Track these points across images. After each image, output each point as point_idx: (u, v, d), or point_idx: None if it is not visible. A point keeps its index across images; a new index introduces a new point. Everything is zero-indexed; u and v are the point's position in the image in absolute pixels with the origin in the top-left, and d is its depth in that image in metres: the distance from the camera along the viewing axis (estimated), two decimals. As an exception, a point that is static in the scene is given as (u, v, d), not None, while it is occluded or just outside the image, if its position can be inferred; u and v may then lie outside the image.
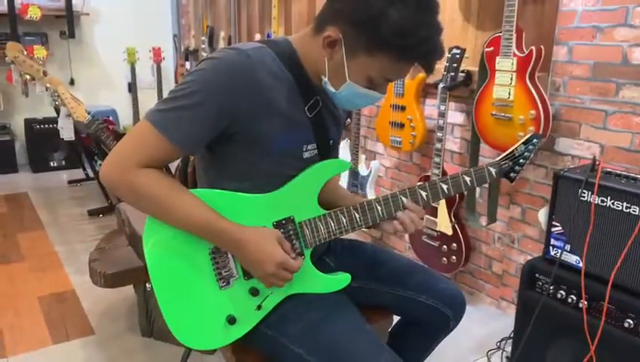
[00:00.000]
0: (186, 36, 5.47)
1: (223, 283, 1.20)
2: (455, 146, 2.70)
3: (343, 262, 1.44)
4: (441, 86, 2.45)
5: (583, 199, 1.68)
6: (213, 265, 1.19)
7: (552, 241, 1.79)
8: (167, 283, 1.18)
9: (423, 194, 1.26)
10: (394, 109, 2.75)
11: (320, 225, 1.23)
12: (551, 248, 1.80)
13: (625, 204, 1.59)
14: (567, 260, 1.74)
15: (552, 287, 1.76)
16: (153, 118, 1.11)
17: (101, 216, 3.78)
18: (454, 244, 2.57)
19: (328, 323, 1.19)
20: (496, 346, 2.24)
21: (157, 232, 1.17)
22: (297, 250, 1.23)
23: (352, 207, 1.24)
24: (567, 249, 1.74)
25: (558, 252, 1.77)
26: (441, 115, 2.46)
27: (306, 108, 1.23)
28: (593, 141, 2.10)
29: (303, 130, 1.24)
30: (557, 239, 1.77)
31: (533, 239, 2.37)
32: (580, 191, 1.68)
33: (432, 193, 1.27)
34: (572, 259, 1.73)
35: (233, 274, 1.20)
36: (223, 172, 1.22)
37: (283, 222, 1.22)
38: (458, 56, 2.41)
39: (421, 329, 1.49)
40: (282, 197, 1.22)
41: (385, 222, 1.28)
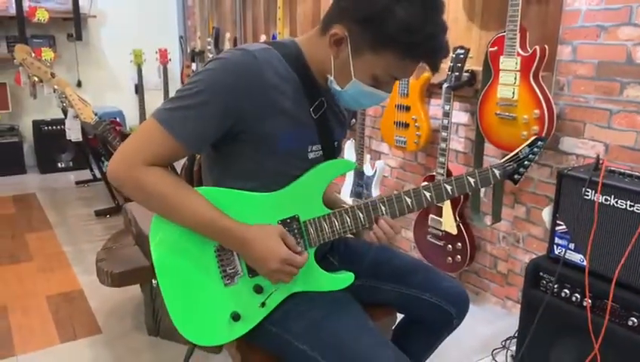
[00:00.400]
0: (192, 38, 5.50)
1: (228, 280, 1.21)
2: (460, 146, 2.71)
3: (346, 260, 1.45)
4: (445, 86, 2.46)
5: (587, 198, 1.68)
6: (218, 262, 1.21)
7: (556, 240, 1.79)
8: (172, 279, 1.20)
9: (427, 195, 1.27)
10: (399, 109, 2.76)
11: (324, 224, 1.25)
12: (555, 247, 1.80)
13: (629, 202, 1.59)
14: (571, 259, 1.75)
15: (556, 286, 1.76)
16: (160, 116, 1.13)
17: (108, 216, 3.80)
18: (459, 244, 2.58)
19: (332, 320, 1.20)
20: (501, 345, 2.24)
21: (163, 230, 1.19)
22: (301, 248, 1.24)
23: (356, 206, 1.25)
24: (571, 247, 1.75)
25: (562, 250, 1.77)
26: (446, 114, 2.47)
27: (311, 110, 1.24)
28: (598, 140, 2.10)
29: (308, 131, 1.25)
30: (561, 238, 1.78)
31: (537, 238, 2.38)
32: (584, 189, 1.69)
33: (436, 194, 1.27)
34: (576, 257, 1.74)
35: (238, 271, 1.22)
36: (228, 171, 1.24)
37: (288, 220, 1.23)
38: (462, 55, 2.41)
39: (424, 327, 1.50)
40: (287, 197, 1.23)
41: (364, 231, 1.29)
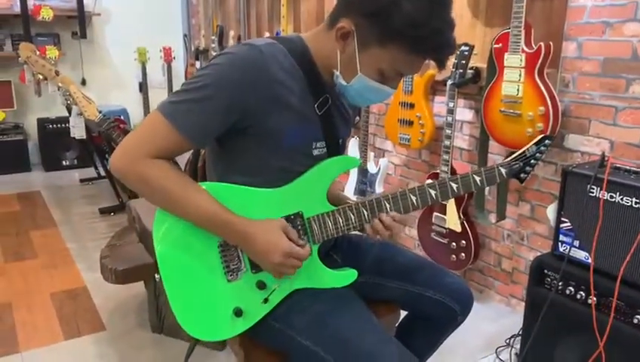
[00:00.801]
0: (196, 36, 5.50)
1: (231, 276, 1.21)
2: (464, 143, 2.70)
3: (349, 257, 1.44)
4: (449, 83, 2.45)
5: (592, 195, 1.67)
6: (222, 258, 1.21)
7: (561, 237, 1.78)
8: (175, 273, 1.20)
9: (432, 193, 1.26)
10: (403, 107, 2.75)
11: (328, 220, 1.24)
12: (560, 244, 1.79)
13: (634, 199, 1.58)
14: (576, 256, 1.74)
15: (560, 283, 1.75)
16: (164, 109, 1.12)
17: (112, 214, 3.81)
18: (463, 241, 2.57)
19: (335, 316, 1.20)
20: (505, 343, 2.23)
21: (167, 224, 1.19)
22: (305, 245, 1.23)
23: (360, 203, 1.25)
24: (575, 245, 1.74)
25: (566, 248, 1.76)
26: (450, 111, 2.46)
27: (316, 106, 1.23)
28: (603, 137, 2.08)
29: (312, 127, 1.24)
30: (566, 235, 1.77)
31: (542, 236, 2.36)
32: (589, 186, 1.67)
33: (442, 192, 1.27)
34: (581, 254, 1.73)
35: (241, 267, 1.21)
36: (232, 166, 1.24)
37: (291, 217, 1.22)
38: (467, 52, 2.40)
39: (428, 323, 1.49)
40: (291, 193, 1.23)
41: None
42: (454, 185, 1.27)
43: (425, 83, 2.66)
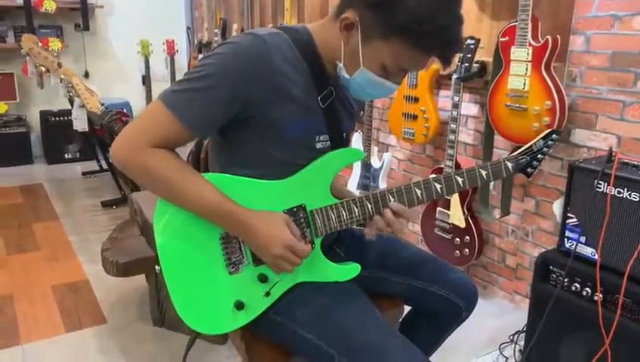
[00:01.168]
0: (200, 29, 5.48)
1: (232, 268, 1.19)
2: (469, 138, 2.68)
3: (352, 251, 1.42)
4: (454, 77, 2.42)
5: (599, 190, 1.65)
6: (223, 250, 1.19)
7: (567, 233, 1.76)
8: (176, 265, 1.18)
9: (438, 186, 1.24)
10: (407, 101, 2.73)
11: (331, 214, 1.22)
12: (566, 240, 1.77)
13: (642, 195, 1.56)
14: (582, 252, 1.71)
15: (566, 280, 1.73)
16: (166, 98, 1.11)
17: (114, 207, 3.81)
18: (467, 237, 2.55)
19: (338, 309, 1.18)
20: (509, 340, 2.22)
21: (168, 214, 1.17)
22: (308, 238, 1.22)
23: (364, 197, 1.23)
24: (582, 241, 1.71)
25: (573, 244, 1.74)
26: (455, 106, 2.44)
27: (319, 98, 1.21)
28: (610, 132, 2.06)
29: (316, 120, 1.22)
30: (572, 231, 1.75)
31: (547, 232, 2.34)
32: (596, 182, 1.65)
33: (447, 186, 1.25)
34: (587, 251, 1.70)
35: (243, 259, 1.20)
36: (234, 158, 1.22)
37: (294, 209, 1.21)
38: (472, 46, 2.37)
39: (432, 319, 1.47)
40: (294, 185, 1.21)
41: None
42: (460, 179, 1.25)
43: (430, 77, 2.63)
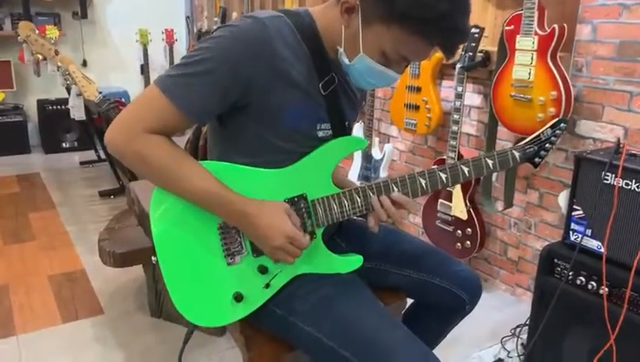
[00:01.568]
0: (199, 17, 5.42)
1: (231, 259, 1.16)
2: (472, 129, 2.64)
3: (354, 243, 1.39)
4: (458, 66, 2.38)
5: (607, 182, 1.61)
6: (222, 240, 1.15)
7: (573, 226, 1.73)
8: (173, 255, 1.14)
9: (443, 176, 1.21)
10: (409, 91, 2.69)
11: (333, 204, 1.18)
12: (571, 233, 1.73)
13: (651, 187, 1.52)
14: (588, 245, 1.68)
15: (571, 273, 1.70)
16: (162, 83, 1.07)
17: (112, 197, 3.77)
18: (469, 229, 2.52)
19: (339, 302, 1.15)
20: (510, 333, 2.19)
21: (165, 203, 1.14)
22: (309, 228, 1.18)
23: (367, 186, 1.19)
24: (588, 233, 1.68)
25: (578, 236, 1.71)
26: (458, 96, 2.40)
27: (321, 85, 1.17)
28: (617, 124, 2.02)
29: (317, 107, 1.18)
30: (578, 223, 1.71)
31: (551, 225, 2.31)
32: (604, 173, 1.61)
33: (452, 175, 1.21)
34: (593, 243, 1.67)
35: (242, 250, 1.16)
36: (233, 146, 1.18)
37: (295, 199, 1.17)
38: (477, 35, 2.33)
39: (435, 312, 1.45)
40: (295, 174, 1.17)
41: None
42: (465, 169, 1.22)
43: (433, 66, 2.59)
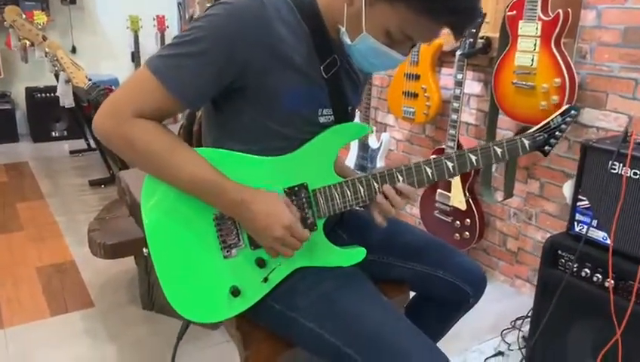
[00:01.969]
0: (191, 4, 5.31)
1: (227, 252, 1.10)
2: (471, 118, 2.58)
3: (356, 234, 1.33)
4: (458, 53, 2.32)
5: (614, 171, 1.57)
6: (217, 231, 1.09)
7: (577, 216, 1.68)
8: (165, 247, 1.08)
9: (450, 165, 1.15)
10: (408, 78, 2.62)
11: (335, 193, 1.13)
12: (575, 223, 1.69)
13: (660, 176, 1.48)
14: (594, 236, 1.64)
15: (576, 265, 1.65)
16: (153, 64, 1.00)
17: (103, 186, 3.70)
18: (468, 220, 2.47)
19: (341, 295, 1.09)
20: (510, 325, 2.15)
21: (157, 192, 1.07)
22: (309, 219, 1.12)
23: (371, 176, 1.14)
24: (593, 224, 1.64)
25: (583, 227, 1.66)
26: (458, 84, 2.34)
27: (322, 68, 1.11)
28: (621, 112, 1.97)
29: (318, 91, 1.12)
30: (583, 214, 1.67)
31: (552, 215, 2.27)
32: (611, 163, 1.57)
33: (460, 164, 1.16)
34: (599, 235, 1.63)
35: (238, 242, 1.10)
36: (229, 132, 1.11)
37: (295, 188, 1.11)
38: (478, 20, 2.27)
39: (438, 305, 1.39)
40: (295, 162, 1.11)
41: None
42: (473, 157, 1.16)
43: (432, 53, 2.53)
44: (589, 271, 1.63)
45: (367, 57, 1.08)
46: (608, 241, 1.59)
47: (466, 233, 2.49)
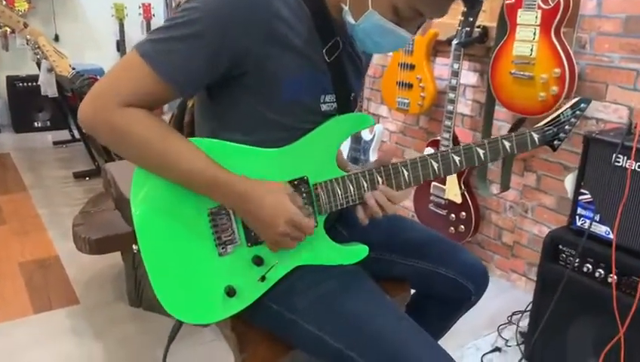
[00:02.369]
0: (178, -8, 5.20)
1: (223, 249, 1.03)
2: (466, 109, 2.53)
3: (356, 231, 1.27)
4: (455, 42, 2.26)
5: (618, 164, 1.53)
6: (212, 227, 1.03)
7: (579, 210, 1.65)
8: (156, 244, 1.01)
9: (457, 159, 1.10)
10: (402, 68, 2.56)
11: (337, 188, 1.07)
12: (577, 218, 1.65)
13: (666, 169, 1.44)
14: (596, 231, 1.60)
15: (577, 260, 1.62)
16: (142, 48, 0.92)
17: (87, 178, 3.60)
18: (463, 213, 2.43)
19: (344, 296, 1.04)
20: (507, 320, 2.12)
21: (147, 185, 1.00)
22: (310, 216, 1.06)
23: (374, 169, 1.08)
24: (596, 219, 1.60)
25: (585, 222, 1.63)
26: (454, 74, 2.29)
27: (324, 51, 1.05)
28: (621, 103, 1.94)
29: (320, 76, 1.06)
30: (585, 208, 1.63)
31: (549, 208, 2.23)
32: (615, 155, 1.53)
33: (467, 158, 1.11)
34: (601, 229, 1.59)
35: (234, 239, 1.04)
36: (225, 122, 1.05)
37: (295, 182, 1.05)
38: (475, 9, 2.21)
39: (440, 303, 1.35)
40: (295, 154, 1.05)
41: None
42: (481, 151, 1.12)
43: (427, 42, 2.47)
44: (590, 267, 1.60)
45: (372, 36, 1.01)
46: (611, 236, 1.56)
47: (461, 226, 2.45)
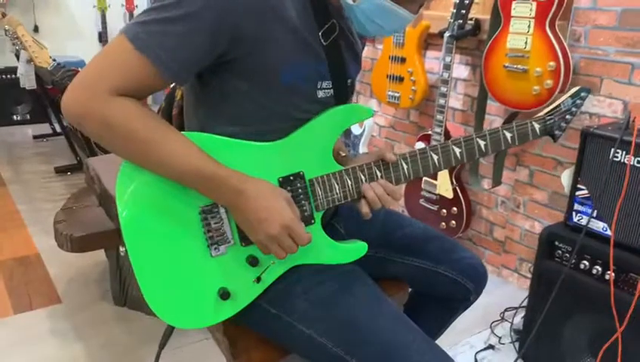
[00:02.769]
0: (161, -17, 5.09)
1: (215, 249, 0.98)
2: (458, 103, 2.50)
3: (352, 228, 1.23)
4: (447, 35, 2.23)
5: (616, 160, 1.50)
6: (204, 226, 0.97)
7: (576, 206, 1.62)
8: (145, 245, 0.95)
9: (457, 151, 1.06)
10: (393, 61, 2.52)
11: (335, 183, 1.02)
12: (574, 214, 1.63)
13: (665, 165, 1.42)
14: (593, 227, 1.58)
15: (574, 257, 1.59)
16: (131, 32, 0.86)
17: (69, 173, 3.52)
18: (454, 208, 2.40)
19: (344, 297, 1.00)
20: (499, 317, 2.10)
21: (135, 181, 0.94)
22: (306, 212, 1.01)
23: (373, 163, 1.04)
24: (593, 215, 1.57)
25: (582, 218, 1.60)
26: (446, 67, 2.25)
27: (321, 34, 0.99)
28: (616, 97, 1.91)
29: (318, 61, 1.00)
30: (582, 204, 1.60)
31: (541, 204, 2.21)
32: (613, 150, 1.50)
33: (467, 150, 1.07)
34: (598, 225, 1.57)
35: (228, 238, 0.98)
36: (218, 112, 0.99)
37: (290, 178, 1.00)
38: (467, 1, 2.18)
39: (438, 302, 1.32)
40: (290, 148, 1.00)
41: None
42: (482, 143, 1.08)
43: (419, 35, 2.43)
44: (587, 264, 1.57)
45: (371, 17, 0.96)
46: (609, 232, 1.54)
47: (453, 222, 2.42)
